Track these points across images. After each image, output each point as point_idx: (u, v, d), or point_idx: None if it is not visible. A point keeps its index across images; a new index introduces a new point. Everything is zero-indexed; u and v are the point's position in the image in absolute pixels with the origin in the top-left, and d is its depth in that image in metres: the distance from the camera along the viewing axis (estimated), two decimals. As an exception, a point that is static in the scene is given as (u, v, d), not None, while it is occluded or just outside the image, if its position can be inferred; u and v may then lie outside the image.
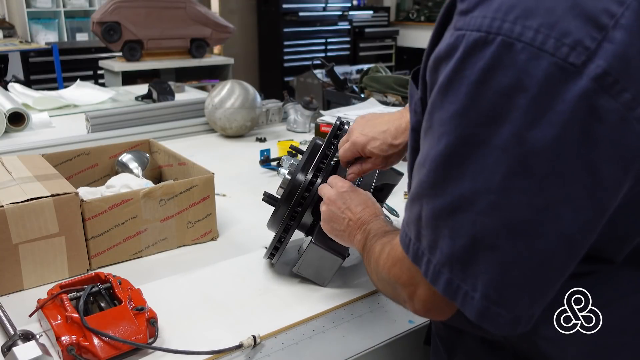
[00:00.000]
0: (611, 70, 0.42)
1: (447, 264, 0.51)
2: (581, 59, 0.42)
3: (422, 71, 0.57)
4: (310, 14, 5.85)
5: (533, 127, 0.44)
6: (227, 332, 0.84)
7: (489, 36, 0.45)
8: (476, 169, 0.47)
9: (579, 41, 0.42)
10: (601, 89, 0.42)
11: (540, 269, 0.48)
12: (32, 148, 1.64)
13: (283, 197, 0.94)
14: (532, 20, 0.44)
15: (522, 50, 0.43)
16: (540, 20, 0.43)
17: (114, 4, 3.56)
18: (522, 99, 0.44)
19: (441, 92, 0.49)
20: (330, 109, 2.13)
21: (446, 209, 0.50)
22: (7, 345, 0.75)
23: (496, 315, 0.50)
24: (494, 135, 0.45)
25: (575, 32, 0.43)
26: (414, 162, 0.59)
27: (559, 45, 0.43)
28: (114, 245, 1.04)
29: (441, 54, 0.49)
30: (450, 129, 0.48)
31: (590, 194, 0.46)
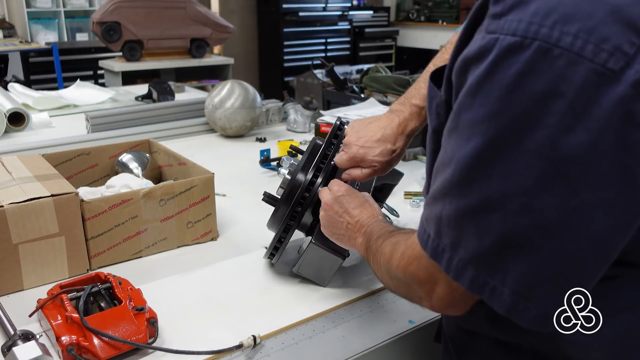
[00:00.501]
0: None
1: (472, 261, 0.52)
2: (620, 65, 0.42)
3: (447, 72, 0.57)
4: (310, 14, 5.85)
5: (568, 132, 0.44)
6: (227, 332, 0.84)
7: (525, 41, 0.45)
8: (507, 171, 0.47)
9: (617, 47, 0.42)
10: (639, 94, 0.42)
11: (571, 269, 0.49)
12: (32, 148, 1.64)
13: (283, 197, 0.94)
14: (570, 25, 0.44)
15: (559, 56, 0.44)
16: (579, 25, 0.43)
17: (114, 4, 3.57)
18: (558, 105, 0.44)
19: (471, 93, 0.49)
20: (330, 109, 2.13)
21: (473, 208, 0.50)
22: (7, 345, 0.75)
23: (526, 310, 0.50)
24: (526, 139, 0.46)
25: (614, 37, 0.43)
26: (434, 163, 0.59)
27: (598, 51, 0.43)
28: (114, 245, 1.04)
29: (471, 56, 0.49)
30: (480, 131, 0.48)
31: (625, 198, 0.46)
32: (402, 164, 1.66)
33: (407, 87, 2.05)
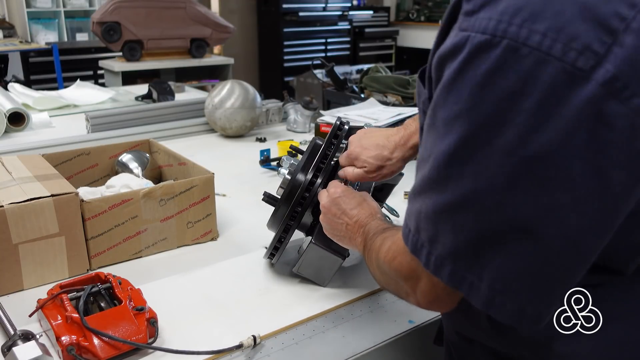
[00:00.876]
0: (620, 75, 0.41)
1: (450, 256, 0.52)
2: (590, 64, 0.42)
3: (427, 69, 0.57)
4: (310, 14, 5.85)
5: (538, 131, 0.44)
6: (227, 332, 0.84)
7: (494, 39, 0.44)
8: (479, 169, 0.47)
9: (587, 46, 0.42)
10: (610, 94, 0.42)
11: (545, 268, 0.48)
12: (32, 148, 1.64)
13: (283, 197, 0.94)
14: (539, 23, 0.43)
15: (528, 54, 0.43)
16: (548, 23, 0.43)
17: (114, 4, 3.56)
18: (527, 104, 0.44)
19: (445, 91, 0.49)
20: (330, 109, 2.13)
21: (448, 205, 0.51)
22: (7, 345, 0.75)
23: (501, 305, 0.50)
24: (497, 137, 0.45)
25: (584, 36, 0.42)
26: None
27: (567, 50, 0.42)
28: (114, 245, 1.04)
29: (446, 53, 0.49)
30: (454, 128, 0.48)
31: (598, 199, 0.45)
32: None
33: (407, 87, 2.06)
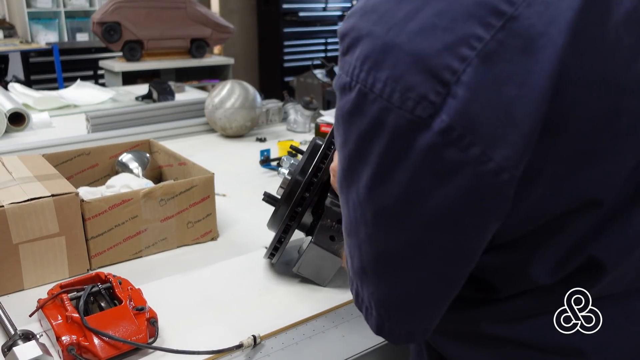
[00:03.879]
0: (455, 125, 0.42)
1: (353, 277, 0.57)
2: (428, 112, 0.43)
3: None
4: (310, 14, 5.85)
5: (389, 172, 0.46)
6: (227, 332, 0.84)
7: (352, 82, 0.47)
8: (354, 202, 0.51)
9: (424, 95, 0.43)
10: (449, 142, 0.43)
11: (420, 293, 0.53)
12: (32, 148, 1.64)
13: (283, 197, 0.94)
14: (381, 72, 0.44)
15: (374, 100, 0.45)
16: (388, 72, 0.44)
17: (114, 4, 3.57)
18: (377, 146, 0.46)
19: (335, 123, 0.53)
20: (330, 109, 2.13)
21: (345, 229, 0.56)
22: (7, 345, 0.75)
23: (390, 330, 0.55)
24: (361, 174, 0.49)
25: (420, 86, 0.43)
26: None
27: (405, 99, 0.43)
28: (114, 245, 1.04)
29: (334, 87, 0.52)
30: (338, 158, 0.52)
31: (453, 238, 0.48)
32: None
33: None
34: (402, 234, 0.49)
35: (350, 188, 0.51)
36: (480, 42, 0.41)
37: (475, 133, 0.42)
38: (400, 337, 0.55)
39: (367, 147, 0.47)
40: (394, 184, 0.46)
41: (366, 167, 0.48)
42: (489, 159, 0.42)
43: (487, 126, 0.42)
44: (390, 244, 0.50)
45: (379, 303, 0.54)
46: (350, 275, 0.58)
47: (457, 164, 0.43)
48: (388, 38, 0.44)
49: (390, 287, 0.53)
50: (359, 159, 0.48)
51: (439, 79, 0.42)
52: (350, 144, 0.49)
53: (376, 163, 0.47)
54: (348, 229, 0.54)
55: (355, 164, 0.49)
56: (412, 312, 0.54)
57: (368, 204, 0.49)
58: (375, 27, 0.45)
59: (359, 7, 0.49)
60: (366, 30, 0.46)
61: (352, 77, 0.47)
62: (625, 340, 0.56)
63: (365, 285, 0.55)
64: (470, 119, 0.42)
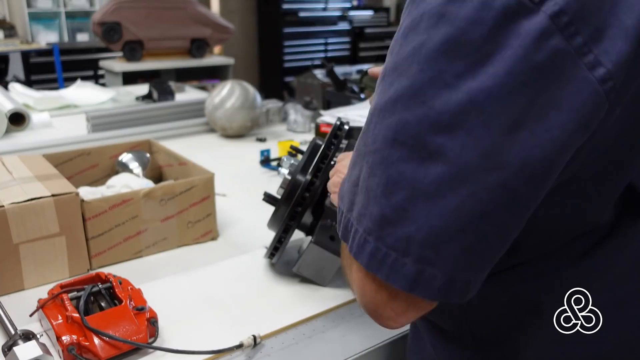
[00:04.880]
0: (567, 9, 0.41)
1: (374, 229, 0.47)
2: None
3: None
4: (310, 14, 5.84)
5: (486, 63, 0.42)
6: (227, 332, 0.84)
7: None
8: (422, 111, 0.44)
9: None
10: (556, 28, 0.41)
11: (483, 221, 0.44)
12: (32, 148, 1.64)
13: (283, 197, 0.94)
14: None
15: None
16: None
17: (114, 5, 3.57)
18: (478, 33, 0.42)
19: (400, 37, 0.48)
20: (330, 109, 2.13)
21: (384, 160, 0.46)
22: (7, 345, 0.75)
23: (431, 278, 0.45)
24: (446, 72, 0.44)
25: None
26: None
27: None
28: (114, 245, 1.04)
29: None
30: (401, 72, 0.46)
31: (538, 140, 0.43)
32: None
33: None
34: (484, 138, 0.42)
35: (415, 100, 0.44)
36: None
37: (583, 20, 0.41)
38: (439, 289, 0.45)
39: (462, 38, 0.43)
40: (487, 77, 0.42)
41: (453, 62, 0.43)
42: (589, 50, 0.42)
43: (594, 15, 0.42)
44: (466, 155, 0.43)
45: (427, 239, 0.44)
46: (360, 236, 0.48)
47: (560, 55, 0.41)
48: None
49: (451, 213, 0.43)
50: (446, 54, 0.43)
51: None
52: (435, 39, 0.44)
53: (470, 55, 0.42)
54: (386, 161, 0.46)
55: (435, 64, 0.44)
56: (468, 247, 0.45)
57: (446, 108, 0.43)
58: None
59: None
60: None
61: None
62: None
63: (403, 226, 0.45)
64: (581, 4, 0.41)
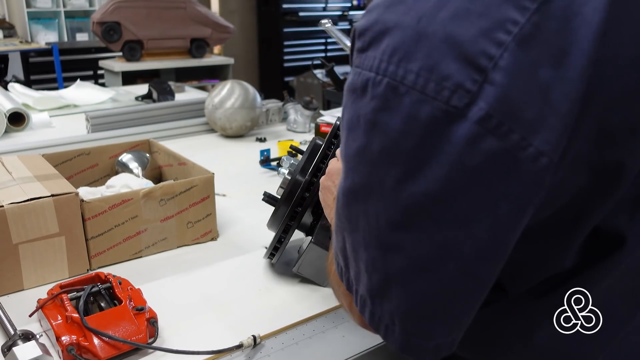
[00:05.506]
0: (494, 113, 0.41)
1: (368, 297, 0.52)
2: (464, 102, 0.41)
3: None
4: (310, 14, 5.85)
5: (423, 169, 0.44)
6: (227, 332, 0.84)
7: (377, 77, 0.45)
8: (377, 208, 0.47)
9: (459, 84, 0.41)
10: (487, 131, 0.41)
11: (450, 299, 0.49)
12: (32, 148, 1.64)
13: (283, 197, 0.94)
14: (413, 63, 0.43)
15: (406, 93, 0.43)
16: (420, 63, 0.42)
17: (114, 4, 3.56)
18: (410, 141, 0.44)
19: (345, 128, 0.50)
20: (330, 109, 2.13)
21: (361, 244, 0.50)
22: (7, 345, 0.75)
23: (417, 345, 0.50)
24: (389, 176, 0.46)
25: (456, 75, 0.41)
26: None
27: (440, 89, 0.42)
28: (114, 245, 1.04)
29: (346, 89, 0.49)
30: (352, 166, 0.49)
31: (489, 230, 0.45)
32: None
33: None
34: (436, 234, 0.45)
35: (370, 197, 0.48)
36: (516, 25, 0.40)
37: (514, 119, 0.41)
38: (427, 352, 0.51)
39: (396, 146, 0.44)
40: (427, 182, 0.44)
41: (393, 168, 0.45)
42: (528, 144, 0.41)
43: (525, 111, 0.41)
44: (423, 248, 0.46)
45: (405, 316, 0.50)
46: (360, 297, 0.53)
47: (496, 153, 0.42)
48: (420, 27, 0.42)
49: (420, 296, 0.48)
50: (387, 160, 0.45)
51: (476, 65, 0.41)
52: (374, 146, 0.46)
53: (407, 162, 0.44)
54: (361, 244, 0.50)
55: (378, 168, 0.46)
56: (442, 320, 0.50)
57: (395, 210, 0.46)
58: (404, 17, 0.44)
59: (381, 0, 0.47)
60: (393, 22, 0.44)
61: (378, 71, 0.45)
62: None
63: (386, 301, 0.50)
64: (508, 104, 0.41)
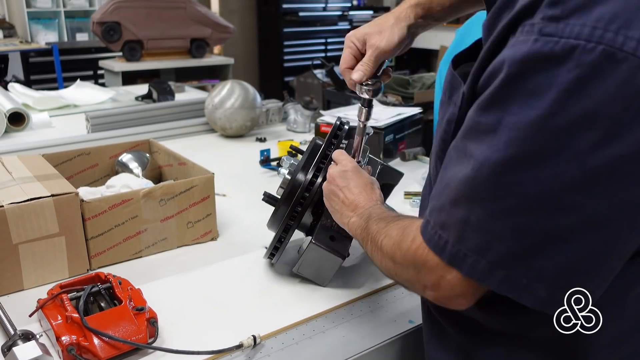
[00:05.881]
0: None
1: (505, 262, 0.52)
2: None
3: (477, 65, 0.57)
4: (310, 14, 5.85)
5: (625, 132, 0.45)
6: (227, 332, 0.84)
7: (589, 44, 0.45)
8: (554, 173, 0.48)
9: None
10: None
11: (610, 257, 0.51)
12: (32, 148, 1.64)
13: (283, 197, 0.94)
14: (634, 30, 0.44)
15: (624, 59, 0.44)
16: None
17: (114, 4, 3.56)
18: (618, 107, 0.45)
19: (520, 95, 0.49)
20: (330, 109, 2.14)
21: (511, 211, 0.51)
22: (7, 345, 0.75)
23: (559, 300, 0.52)
24: (582, 141, 0.46)
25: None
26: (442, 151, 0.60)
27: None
28: (114, 245, 1.04)
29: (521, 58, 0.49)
30: (522, 135, 0.48)
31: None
32: (402, 164, 1.66)
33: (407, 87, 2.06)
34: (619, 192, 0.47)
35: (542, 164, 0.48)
36: None
37: None
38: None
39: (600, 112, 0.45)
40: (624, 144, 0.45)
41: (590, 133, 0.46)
42: None
43: None
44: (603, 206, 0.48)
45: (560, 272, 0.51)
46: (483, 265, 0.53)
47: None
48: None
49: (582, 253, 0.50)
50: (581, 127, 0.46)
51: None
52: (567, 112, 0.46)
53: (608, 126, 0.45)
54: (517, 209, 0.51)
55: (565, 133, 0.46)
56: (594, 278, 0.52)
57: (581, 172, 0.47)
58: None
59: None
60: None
61: (591, 38, 0.45)
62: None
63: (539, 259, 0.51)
64: None
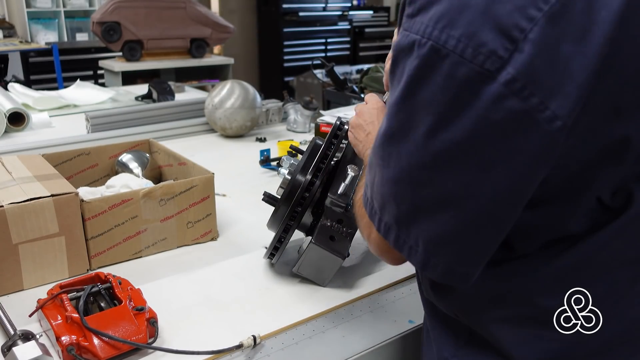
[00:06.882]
0: (519, 77, 0.48)
1: (394, 223, 0.61)
2: (495, 66, 0.49)
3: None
4: (310, 14, 5.85)
5: (455, 119, 0.51)
6: (227, 332, 0.84)
7: (422, 40, 0.52)
8: (411, 150, 0.55)
9: (493, 51, 0.49)
10: (511, 92, 0.49)
11: (468, 233, 0.56)
12: (32, 148, 1.64)
13: (283, 197, 0.94)
14: (455, 30, 0.50)
15: (447, 55, 0.50)
16: (462, 30, 0.50)
17: (113, 4, 3.56)
18: (446, 96, 0.51)
19: (391, 79, 0.58)
20: (330, 109, 2.13)
21: (391, 179, 0.59)
22: (7, 345, 0.75)
23: (435, 265, 0.59)
24: (424, 122, 0.53)
25: (491, 43, 0.49)
26: None
27: (476, 54, 0.49)
28: (114, 245, 1.04)
29: (394, 48, 0.58)
30: (392, 112, 0.57)
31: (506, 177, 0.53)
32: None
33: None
34: (460, 175, 0.53)
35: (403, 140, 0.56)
36: (547, 4, 0.48)
37: (536, 84, 0.49)
38: (443, 274, 0.59)
39: (433, 98, 0.52)
40: (456, 130, 0.51)
41: (428, 117, 0.53)
42: (545, 107, 0.49)
43: (546, 78, 0.49)
44: (448, 186, 0.54)
45: (429, 240, 0.58)
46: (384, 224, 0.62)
47: (517, 113, 0.49)
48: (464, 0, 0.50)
49: (443, 225, 0.56)
50: (424, 110, 0.53)
51: (509, 36, 0.48)
52: (414, 96, 0.54)
53: (441, 112, 0.52)
54: (392, 179, 0.59)
55: (415, 116, 0.54)
56: (459, 250, 0.58)
57: (426, 152, 0.54)
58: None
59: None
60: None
61: (424, 35, 0.52)
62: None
63: (414, 226, 0.59)
64: (533, 71, 0.48)
